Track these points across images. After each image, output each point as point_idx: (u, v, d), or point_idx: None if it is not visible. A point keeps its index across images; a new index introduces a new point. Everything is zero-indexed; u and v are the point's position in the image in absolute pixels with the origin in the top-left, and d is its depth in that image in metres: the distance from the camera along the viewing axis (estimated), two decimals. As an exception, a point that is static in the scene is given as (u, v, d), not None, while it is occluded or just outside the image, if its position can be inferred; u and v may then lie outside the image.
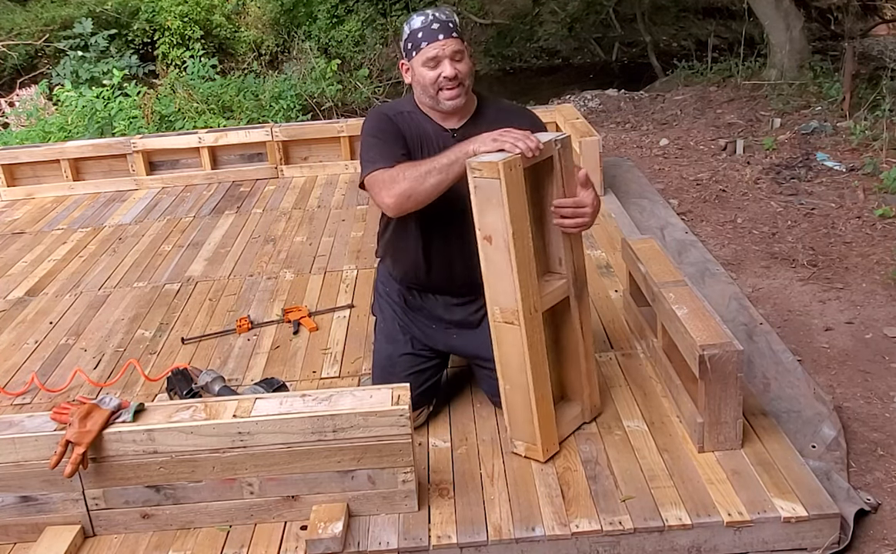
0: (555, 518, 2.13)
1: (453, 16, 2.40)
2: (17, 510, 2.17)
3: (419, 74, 2.38)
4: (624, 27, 10.98)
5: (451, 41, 2.34)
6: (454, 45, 2.34)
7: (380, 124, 2.44)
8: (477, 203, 2.14)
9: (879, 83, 6.21)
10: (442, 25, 2.34)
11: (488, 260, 2.19)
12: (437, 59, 2.34)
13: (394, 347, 2.57)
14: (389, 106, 2.58)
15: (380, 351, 2.63)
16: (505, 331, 2.23)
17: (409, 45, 2.38)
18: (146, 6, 10.46)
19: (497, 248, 2.15)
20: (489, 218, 2.13)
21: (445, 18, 2.36)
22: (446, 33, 2.34)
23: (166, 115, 7.23)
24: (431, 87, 2.36)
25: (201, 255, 4.16)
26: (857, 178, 4.81)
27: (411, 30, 2.38)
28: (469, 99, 2.44)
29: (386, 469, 2.14)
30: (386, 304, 2.67)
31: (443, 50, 2.33)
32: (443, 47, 2.33)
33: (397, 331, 2.60)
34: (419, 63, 2.37)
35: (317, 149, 5.38)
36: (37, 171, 5.40)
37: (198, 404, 2.19)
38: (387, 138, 2.39)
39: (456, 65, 2.34)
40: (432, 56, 2.33)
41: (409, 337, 2.58)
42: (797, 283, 3.65)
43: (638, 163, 5.42)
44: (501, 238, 2.12)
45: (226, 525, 2.20)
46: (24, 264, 4.23)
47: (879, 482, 2.35)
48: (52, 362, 3.19)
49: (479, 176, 2.10)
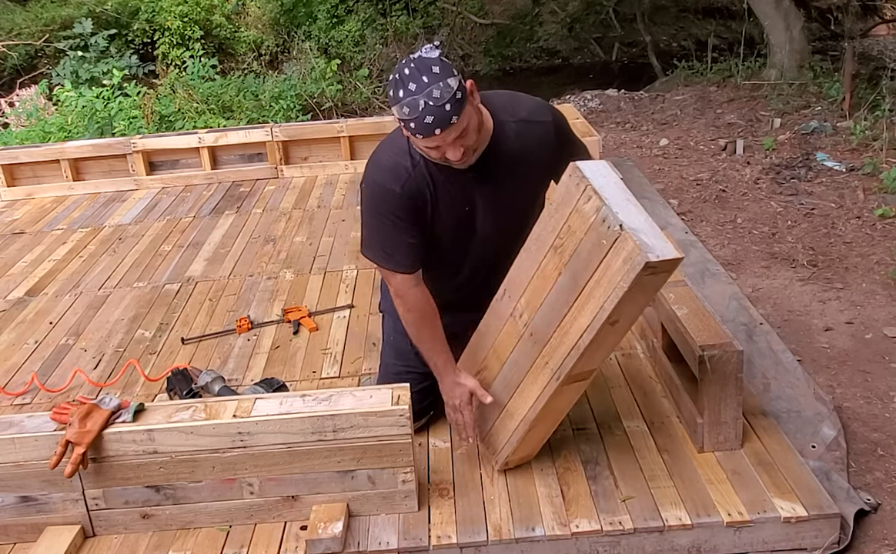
0: (555, 518, 2.13)
1: (450, 85, 1.93)
2: (17, 510, 2.17)
3: (419, 146, 2.06)
4: (624, 27, 10.98)
5: (451, 129, 1.96)
6: (455, 130, 1.97)
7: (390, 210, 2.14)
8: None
9: (879, 83, 6.21)
10: (437, 116, 1.93)
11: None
12: (437, 147, 2.02)
13: (404, 364, 2.47)
14: (393, 164, 2.16)
15: (388, 365, 2.55)
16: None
17: (402, 123, 2.00)
18: (146, 6, 10.46)
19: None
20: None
21: (441, 100, 1.92)
22: (444, 124, 1.94)
23: (166, 116, 7.23)
24: (437, 159, 2.08)
25: (201, 256, 4.16)
26: (857, 179, 4.81)
27: (401, 116, 1.96)
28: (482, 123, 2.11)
29: (386, 469, 2.14)
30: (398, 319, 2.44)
31: (443, 141, 1.99)
32: (443, 140, 1.98)
33: (408, 349, 2.44)
34: (415, 142, 2.05)
35: (317, 149, 5.37)
36: (37, 171, 5.40)
37: (198, 404, 2.19)
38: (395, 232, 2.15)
39: (460, 142, 2.01)
40: (432, 146, 2.01)
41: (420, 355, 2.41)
42: (797, 283, 3.65)
43: (638, 163, 5.42)
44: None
45: (226, 525, 2.20)
46: (24, 264, 4.23)
47: (879, 482, 2.35)
48: (52, 362, 3.19)
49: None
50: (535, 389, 2.11)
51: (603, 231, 1.84)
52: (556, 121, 2.25)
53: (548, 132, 2.21)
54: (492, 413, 2.27)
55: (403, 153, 2.16)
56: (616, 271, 1.83)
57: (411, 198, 2.14)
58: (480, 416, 2.32)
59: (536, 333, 2.07)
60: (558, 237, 1.96)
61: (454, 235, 2.27)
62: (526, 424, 2.16)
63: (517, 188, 2.24)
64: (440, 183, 2.16)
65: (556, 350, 2.02)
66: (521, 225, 2.27)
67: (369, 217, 2.23)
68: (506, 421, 2.23)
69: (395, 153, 2.18)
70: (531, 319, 2.07)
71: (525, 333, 2.10)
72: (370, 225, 2.23)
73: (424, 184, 2.15)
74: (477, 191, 2.21)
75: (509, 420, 2.21)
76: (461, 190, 2.19)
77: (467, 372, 2.29)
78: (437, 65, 1.95)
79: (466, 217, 2.24)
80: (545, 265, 2.01)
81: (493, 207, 2.24)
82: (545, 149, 2.22)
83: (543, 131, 2.21)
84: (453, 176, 2.15)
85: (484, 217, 2.25)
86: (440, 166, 2.14)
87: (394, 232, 2.17)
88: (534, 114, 2.23)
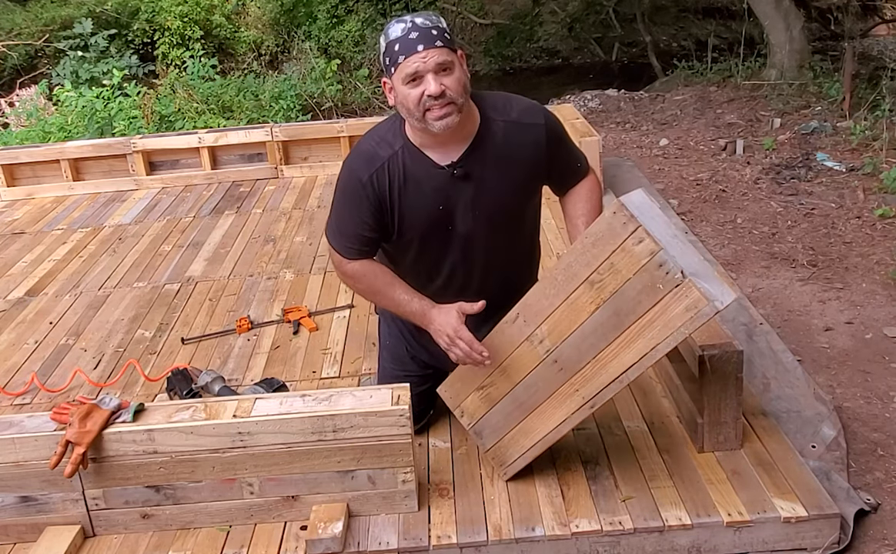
0: (555, 518, 2.13)
1: (439, 20, 2.02)
2: (17, 510, 2.17)
3: (401, 95, 2.02)
4: (624, 27, 10.98)
5: (435, 51, 1.96)
6: (438, 55, 1.96)
7: (351, 194, 2.16)
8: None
9: (879, 83, 6.21)
10: (422, 33, 1.96)
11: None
12: (417, 75, 1.97)
13: (401, 369, 2.44)
14: (371, 151, 2.16)
15: (385, 370, 2.53)
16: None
17: (388, 59, 2.01)
18: (146, 6, 10.46)
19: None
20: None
21: (428, 24, 1.98)
22: (427, 42, 1.95)
23: (166, 116, 7.23)
24: (416, 110, 2.00)
25: (201, 256, 4.16)
26: (857, 179, 4.81)
27: (388, 41, 2.01)
28: (469, 115, 2.09)
29: (386, 469, 2.14)
30: (393, 322, 2.49)
31: (424, 63, 1.96)
32: (423, 59, 1.95)
33: (404, 354, 2.46)
34: (399, 81, 2.00)
35: (317, 149, 5.37)
36: (37, 171, 5.40)
37: (198, 404, 2.19)
38: (351, 215, 2.17)
39: (442, 79, 1.97)
40: (412, 71, 1.97)
41: (417, 359, 2.45)
42: (797, 283, 3.65)
43: (638, 163, 5.42)
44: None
45: (226, 525, 2.20)
46: (24, 264, 4.23)
47: (879, 482, 2.35)
48: (52, 362, 3.19)
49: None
50: (561, 412, 2.12)
51: (659, 276, 1.86)
52: (549, 124, 2.20)
53: (538, 135, 2.16)
54: (501, 429, 2.24)
55: (384, 143, 2.15)
56: (676, 316, 1.87)
57: (375, 189, 2.12)
58: (487, 430, 2.27)
59: (563, 360, 2.07)
60: (596, 273, 1.95)
61: (428, 235, 2.20)
62: (546, 443, 2.17)
63: (502, 188, 2.17)
64: (414, 179, 2.12)
65: (591, 380, 2.05)
66: (508, 226, 2.26)
67: (336, 195, 2.25)
68: (519, 438, 2.21)
69: (376, 141, 2.17)
70: (555, 346, 2.07)
71: (547, 358, 2.09)
72: (334, 201, 2.25)
73: (396, 177, 2.12)
74: (456, 189, 2.14)
75: (523, 438, 2.20)
76: (437, 189, 2.13)
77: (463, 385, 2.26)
78: (433, 14, 2.05)
79: (441, 216, 2.17)
80: (577, 297, 2.00)
81: (475, 207, 2.17)
82: (534, 151, 2.17)
83: (534, 133, 2.16)
84: (431, 172, 2.12)
85: (464, 217, 2.18)
86: (418, 161, 2.11)
87: (350, 217, 2.19)
88: (525, 115, 2.18)
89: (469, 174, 2.13)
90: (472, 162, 2.12)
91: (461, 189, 2.15)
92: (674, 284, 1.85)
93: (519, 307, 2.12)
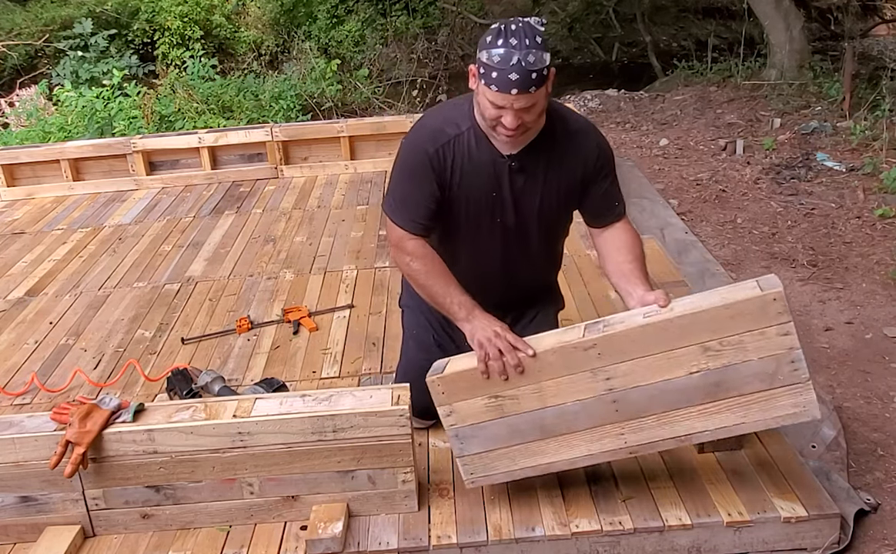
0: (555, 518, 2.13)
1: (543, 56, 1.97)
2: (17, 510, 2.17)
3: (482, 101, 2.06)
4: (624, 27, 10.97)
5: (526, 97, 1.98)
6: (527, 100, 1.99)
7: (416, 167, 2.18)
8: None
9: (879, 83, 6.21)
10: (521, 79, 1.95)
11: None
12: (502, 108, 2.02)
13: (427, 358, 2.26)
14: (438, 127, 2.20)
15: (411, 360, 2.48)
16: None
17: (482, 69, 2.02)
18: (146, 6, 10.46)
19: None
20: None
21: (530, 62, 1.95)
22: (523, 88, 1.96)
23: (166, 116, 7.23)
24: (489, 120, 2.07)
25: (201, 256, 4.16)
26: (857, 179, 4.81)
27: (488, 57, 1.98)
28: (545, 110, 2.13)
29: (386, 469, 2.14)
30: (420, 313, 2.49)
31: (511, 104, 2.00)
32: (512, 102, 1.99)
33: (432, 343, 2.44)
34: (484, 92, 2.03)
35: (317, 149, 5.37)
36: (37, 171, 5.40)
37: (198, 404, 2.19)
38: (416, 188, 2.19)
39: (522, 115, 2.02)
40: (499, 103, 2.01)
41: (443, 347, 2.40)
42: (797, 283, 3.65)
43: (638, 163, 5.42)
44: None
45: (226, 525, 2.20)
46: (24, 264, 4.23)
47: (879, 482, 2.36)
48: (52, 362, 3.19)
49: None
50: (592, 447, 2.06)
51: (786, 371, 1.91)
52: (601, 146, 2.27)
53: (590, 151, 2.24)
54: (499, 442, 2.11)
55: (452, 123, 2.20)
56: (779, 408, 1.94)
57: (440, 162, 2.17)
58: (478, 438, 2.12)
59: (624, 403, 2.00)
60: (718, 342, 1.92)
61: (475, 218, 2.26)
62: (554, 468, 2.12)
63: (548, 191, 2.25)
64: (476, 161, 2.18)
65: (645, 431, 2.02)
66: (546, 229, 2.32)
67: (398, 171, 2.26)
68: (517, 456, 2.11)
69: (443, 121, 2.22)
70: (624, 388, 1.99)
71: (606, 396, 2.00)
72: (395, 177, 2.26)
73: (459, 155, 2.18)
74: (510, 181, 2.21)
75: (523, 457, 2.11)
76: (494, 176, 2.20)
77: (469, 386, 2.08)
78: (541, 37, 2.01)
79: (492, 203, 2.24)
80: (681, 355, 1.94)
81: (523, 202, 2.24)
82: (584, 165, 2.24)
83: (587, 148, 2.24)
84: (493, 158, 2.18)
85: (512, 208, 2.24)
86: (482, 145, 2.17)
87: (415, 190, 2.20)
88: (582, 130, 2.26)
89: (524, 168, 2.19)
90: (530, 159, 2.19)
91: (515, 181, 2.22)
92: (795, 381, 1.91)
93: (597, 338, 1.98)
